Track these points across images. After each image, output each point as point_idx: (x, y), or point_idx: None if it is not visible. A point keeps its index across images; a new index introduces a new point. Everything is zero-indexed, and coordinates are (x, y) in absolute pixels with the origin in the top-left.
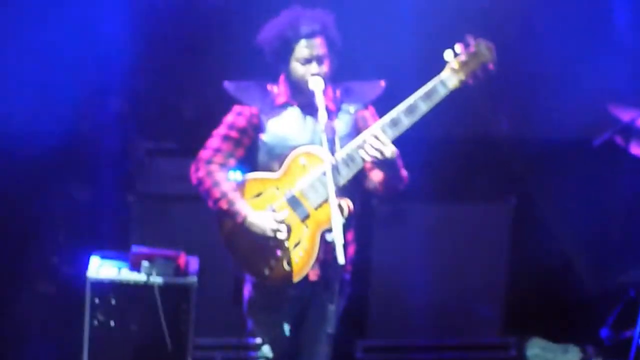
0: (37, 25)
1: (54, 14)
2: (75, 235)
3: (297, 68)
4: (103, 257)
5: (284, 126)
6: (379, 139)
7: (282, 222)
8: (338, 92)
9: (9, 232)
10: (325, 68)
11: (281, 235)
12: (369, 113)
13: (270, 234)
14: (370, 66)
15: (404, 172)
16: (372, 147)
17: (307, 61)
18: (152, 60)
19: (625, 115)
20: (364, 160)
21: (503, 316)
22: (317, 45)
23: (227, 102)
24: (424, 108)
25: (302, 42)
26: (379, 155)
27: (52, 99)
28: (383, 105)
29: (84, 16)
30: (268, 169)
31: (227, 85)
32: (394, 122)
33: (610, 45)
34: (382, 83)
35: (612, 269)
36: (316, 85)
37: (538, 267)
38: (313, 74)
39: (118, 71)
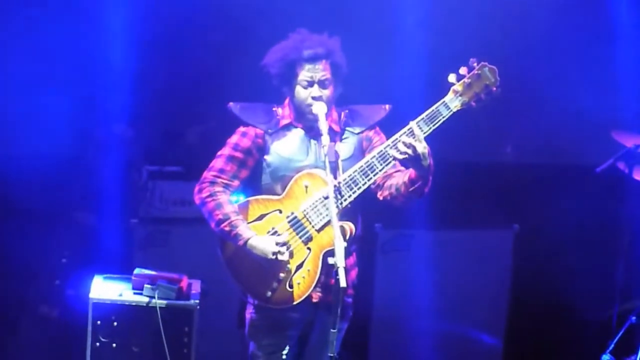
0: (42, 53)
1: (59, 42)
2: (78, 258)
3: (299, 91)
4: (106, 279)
5: (287, 148)
6: (413, 134)
7: (283, 244)
8: (343, 115)
9: (12, 255)
10: (328, 92)
11: (282, 258)
12: (373, 132)
13: (272, 256)
14: (376, 90)
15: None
16: (405, 143)
17: (309, 84)
18: (155, 84)
19: (628, 141)
20: (388, 164)
21: (505, 344)
22: (320, 69)
23: (230, 126)
24: (426, 130)
25: (305, 66)
26: (410, 152)
27: (55, 125)
28: (388, 129)
29: (89, 43)
30: (271, 190)
31: (232, 106)
32: (395, 143)
33: (614, 72)
34: (387, 107)
35: (614, 296)
36: (319, 109)
37: (540, 293)
38: (314, 97)
39: (121, 96)
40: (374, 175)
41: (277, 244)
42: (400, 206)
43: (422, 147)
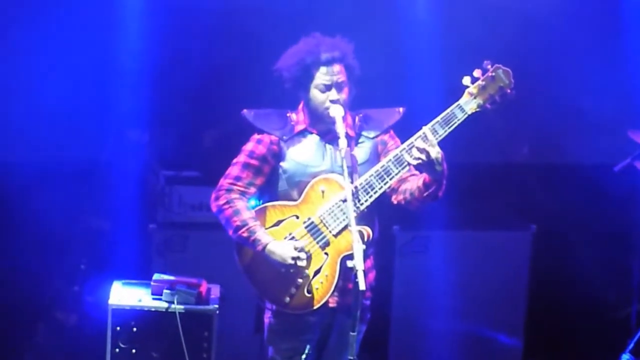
0: (57, 57)
1: (78, 46)
2: (97, 263)
3: (316, 95)
4: (124, 284)
5: (303, 154)
6: (426, 139)
7: (302, 250)
8: (357, 119)
9: (31, 262)
10: (344, 95)
11: (301, 263)
12: (388, 136)
13: (291, 262)
14: (390, 93)
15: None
16: (418, 149)
17: (327, 88)
18: (173, 89)
19: None
20: (404, 168)
21: (524, 344)
22: (337, 72)
23: (247, 130)
24: (441, 133)
25: (322, 69)
26: (424, 157)
27: (72, 130)
28: (402, 133)
29: (106, 47)
30: (287, 196)
31: (246, 113)
32: (410, 147)
33: (631, 71)
34: (401, 110)
35: (633, 295)
36: (336, 112)
37: (558, 294)
38: (332, 101)
39: (137, 100)
40: (390, 179)
41: (295, 249)
42: (415, 210)
43: (435, 152)
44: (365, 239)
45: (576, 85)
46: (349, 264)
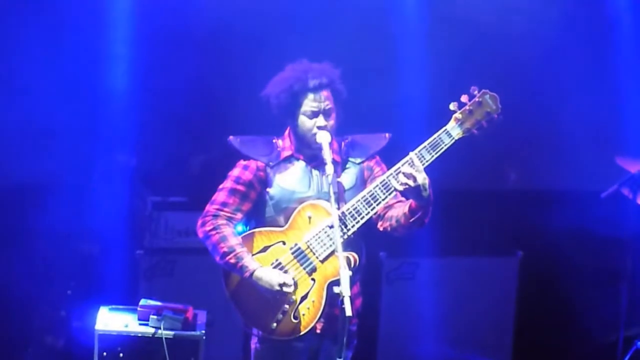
0: (47, 80)
1: (65, 69)
2: (84, 288)
3: (304, 121)
4: (111, 310)
5: (290, 180)
6: (413, 165)
7: (288, 275)
8: (344, 145)
9: (18, 286)
10: (332, 121)
11: (288, 289)
12: (374, 162)
13: (277, 287)
14: (377, 118)
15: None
16: (405, 174)
17: (314, 114)
18: (160, 115)
19: (633, 167)
20: (390, 194)
21: None
22: (324, 99)
23: (234, 155)
24: (428, 158)
25: (309, 96)
26: (411, 183)
27: (59, 155)
28: (389, 158)
29: (93, 72)
30: (274, 222)
31: (232, 140)
32: (397, 173)
33: (619, 97)
34: (387, 135)
35: (619, 322)
36: (323, 138)
37: (545, 320)
38: (319, 127)
39: (126, 126)
40: (377, 205)
41: (282, 275)
42: (400, 237)
43: (422, 178)
44: (352, 265)
45: (564, 112)
46: (336, 290)
